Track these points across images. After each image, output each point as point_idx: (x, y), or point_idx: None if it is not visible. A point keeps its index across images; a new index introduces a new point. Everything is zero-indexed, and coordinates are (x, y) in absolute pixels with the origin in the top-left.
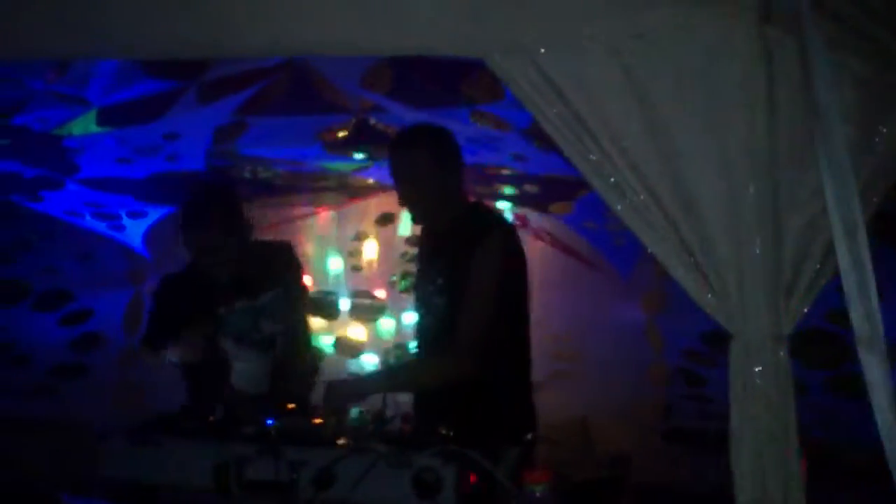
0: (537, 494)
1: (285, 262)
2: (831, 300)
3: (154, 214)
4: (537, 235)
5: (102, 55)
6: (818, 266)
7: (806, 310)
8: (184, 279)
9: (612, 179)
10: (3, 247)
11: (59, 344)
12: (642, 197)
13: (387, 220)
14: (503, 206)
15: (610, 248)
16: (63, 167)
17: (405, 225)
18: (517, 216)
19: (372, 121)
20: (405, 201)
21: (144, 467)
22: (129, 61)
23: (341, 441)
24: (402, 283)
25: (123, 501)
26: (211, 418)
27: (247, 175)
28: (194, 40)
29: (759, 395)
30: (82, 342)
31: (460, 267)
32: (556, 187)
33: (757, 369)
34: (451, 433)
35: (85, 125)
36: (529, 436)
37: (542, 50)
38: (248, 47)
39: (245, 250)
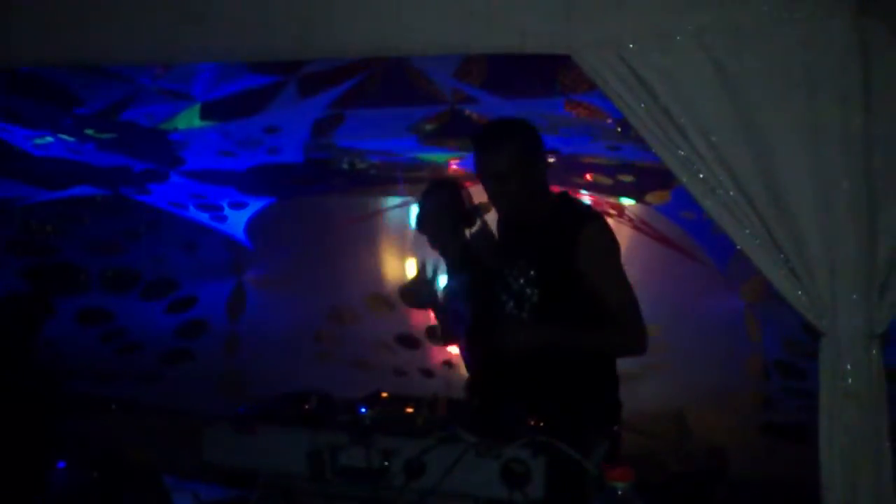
0: (619, 492)
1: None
2: None
3: (255, 205)
4: (633, 224)
5: (208, 58)
6: None
7: None
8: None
9: (701, 175)
10: (114, 237)
11: (165, 331)
12: (732, 193)
13: (482, 209)
14: (598, 195)
15: (707, 237)
16: (169, 160)
17: None
18: (613, 205)
19: (466, 111)
20: (493, 197)
21: (243, 453)
22: None
23: (432, 430)
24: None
25: (223, 485)
26: (306, 406)
27: (344, 167)
28: (295, 42)
29: (849, 394)
30: (188, 329)
31: (556, 258)
32: (651, 176)
33: (848, 368)
34: (542, 424)
35: (189, 119)
36: (617, 427)
37: (631, 45)
38: (346, 49)
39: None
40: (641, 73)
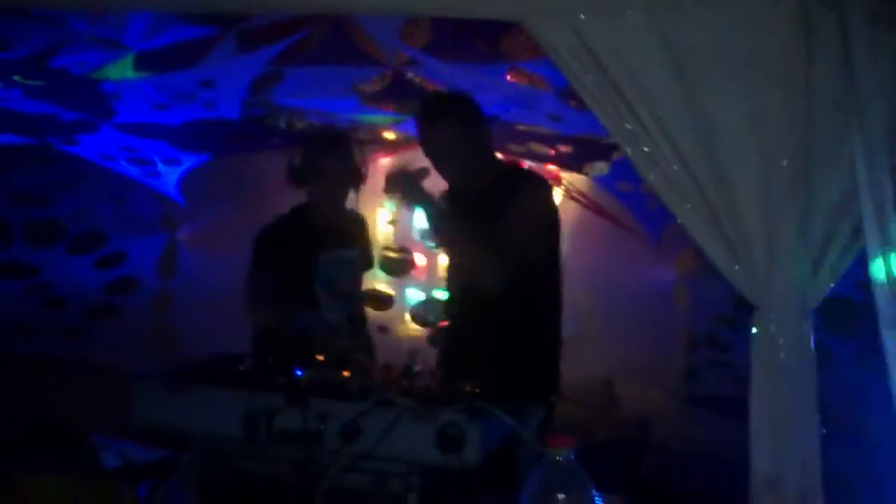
0: (559, 459)
1: (359, 228)
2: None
3: (188, 162)
4: (570, 195)
5: (144, 6)
6: (846, 243)
7: (833, 285)
8: (279, 227)
9: (646, 149)
10: (39, 188)
11: (93, 286)
12: (675, 167)
13: (422, 174)
14: (536, 165)
15: (643, 210)
16: (100, 111)
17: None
18: (552, 175)
19: (409, 74)
20: (440, 170)
21: (175, 413)
22: None
23: (368, 394)
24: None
25: (153, 445)
26: (241, 367)
27: (282, 125)
28: None
29: (781, 368)
30: (116, 285)
31: (499, 224)
32: (590, 148)
33: (780, 342)
34: (478, 390)
35: (122, 70)
36: (553, 396)
37: (582, 16)
38: (289, 4)
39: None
40: (591, 44)
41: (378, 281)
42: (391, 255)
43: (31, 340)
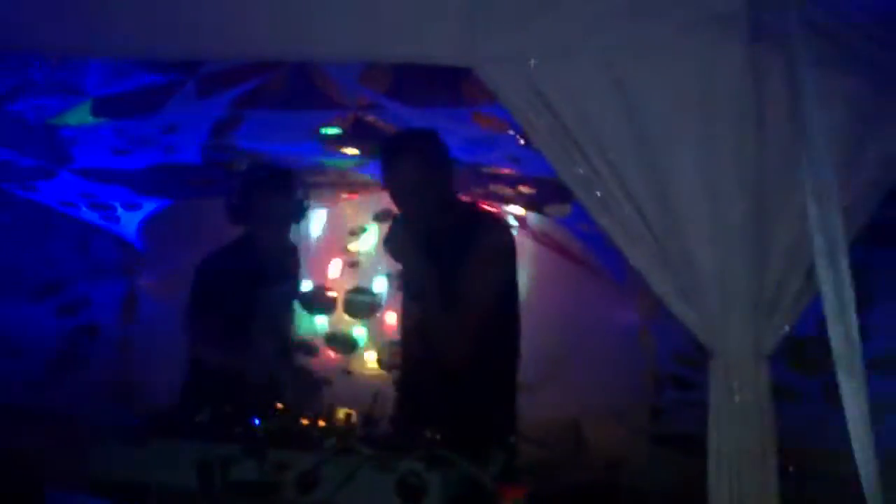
0: None
1: (294, 263)
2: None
3: (149, 207)
4: (534, 236)
5: (103, 54)
6: (801, 285)
7: (788, 328)
8: (222, 260)
9: (598, 193)
10: None
11: (53, 335)
12: (627, 211)
13: (385, 216)
14: (499, 206)
15: (606, 251)
16: (57, 157)
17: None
18: (515, 216)
19: (370, 118)
20: (401, 206)
21: (131, 465)
22: None
23: (327, 443)
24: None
25: (109, 499)
26: (197, 417)
27: (243, 169)
28: (196, 43)
29: (738, 413)
30: (78, 333)
31: (457, 265)
32: (551, 189)
33: (735, 385)
34: (437, 436)
35: (81, 116)
36: (513, 438)
37: (533, 61)
38: (247, 52)
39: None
40: (543, 89)
41: (346, 321)
42: (356, 297)
43: None
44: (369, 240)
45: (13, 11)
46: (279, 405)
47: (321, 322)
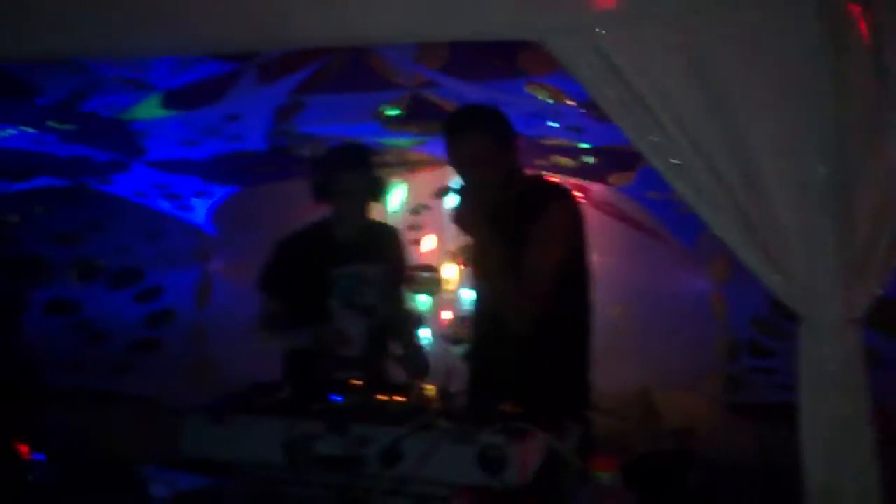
0: (604, 482)
1: (389, 243)
2: None
3: (218, 193)
4: (598, 206)
5: (166, 52)
6: (889, 247)
7: (879, 291)
8: (300, 239)
9: (675, 160)
10: (75, 228)
11: (133, 321)
12: (705, 177)
13: (444, 192)
14: (562, 177)
15: (673, 217)
16: (130, 150)
17: None
18: (578, 187)
19: (427, 95)
20: (467, 183)
21: (219, 444)
22: None
23: (408, 418)
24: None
25: (199, 475)
26: (280, 395)
27: (306, 153)
28: (257, 33)
29: (829, 379)
30: (155, 318)
31: (529, 237)
32: (615, 158)
33: (827, 352)
34: (515, 409)
35: (150, 109)
36: (587, 410)
37: (603, 31)
38: (307, 39)
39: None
40: (612, 58)
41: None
42: (420, 274)
43: (76, 375)
44: (431, 217)
45: (84, 20)
46: (357, 381)
47: None
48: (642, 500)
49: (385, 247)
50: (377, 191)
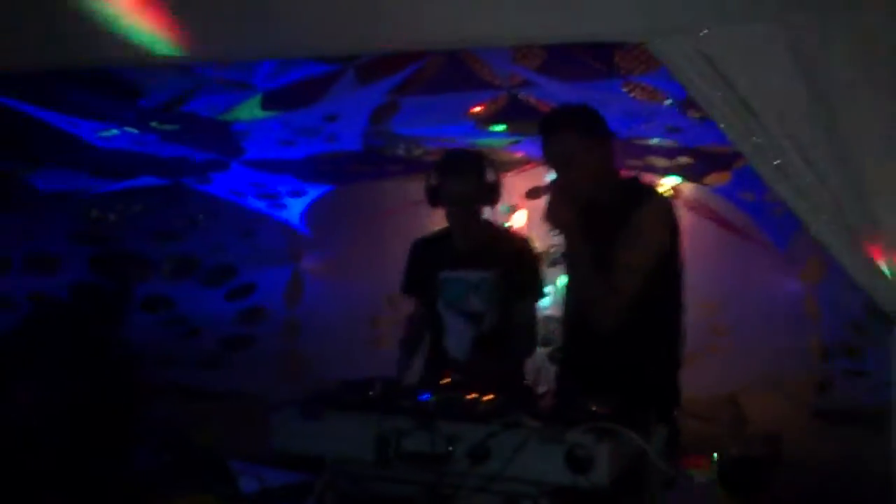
0: (696, 479)
1: (513, 251)
2: None
3: (313, 193)
4: (691, 207)
5: (270, 55)
6: None
7: None
8: (429, 242)
9: (777, 161)
10: (173, 225)
11: (225, 317)
12: (808, 179)
13: (536, 193)
14: (657, 177)
15: (767, 218)
16: (230, 150)
17: None
18: (673, 187)
19: (523, 95)
20: (563, 183)
21: (310, 439)
22: None
23: (496, 416)
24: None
25: (288, 469)
26: (371, 392)
27: (400, 153)
28: (353, 36)
29: None
30: (247, 315)
31: (622, 238)
32: (711, 158)
33: None
34: (603, 409)
35: (251, 110)
36: (676, 412)
37: (706, 31)
38: (414, 42)
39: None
40: (716, 60)
41: None
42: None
43: (170, 370)
44: (522, 216)
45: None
46: (447, 380)
47: None
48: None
49: (505, 256)
50: (489, 197)
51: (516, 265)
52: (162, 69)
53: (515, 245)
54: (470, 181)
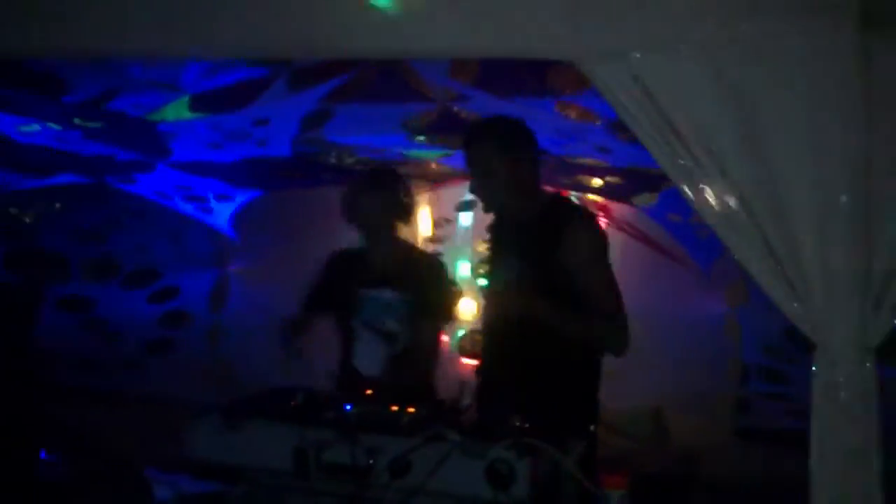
0: (615, 501)
1: (424, 273)
2: None
3: (240, 198)
4: (619, 226)
5: (204, 55)
6: None
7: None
8: (347, 256)
9: (701, 184)
10: (95, 226)
11: (147, 321)
12: (731, 202)
13: (467, 206)
14: (585, 196)
15: (692, 240)
16: (156, 151)
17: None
18: (599, 206)
19: (456, 109)
20: (477, 191)
21: (228, 448)
22: None
23: (417, 429)
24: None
25: (206, 479)
26: (293, 402)
27: (332, 161)
28: (288, 41)
29: (841, 407)
30: (170, 319)
31: (544, 256)
32: (639, 179)
33: (840, 381)
34: (525, 424)
35: (178, 111)
36: (593, 428)
37: (637, 54)
38: (344, 49)
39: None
40: (645, 82)
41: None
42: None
43: (87, 374)
44: (453, 230)
45: (111, 17)
46: (368, 391)
47: None
48: None
49: (419, 277)
50: (402, 216)
51: (427, 287)
52: (86, 65)
53: (427, 266)
54: (383, 200)
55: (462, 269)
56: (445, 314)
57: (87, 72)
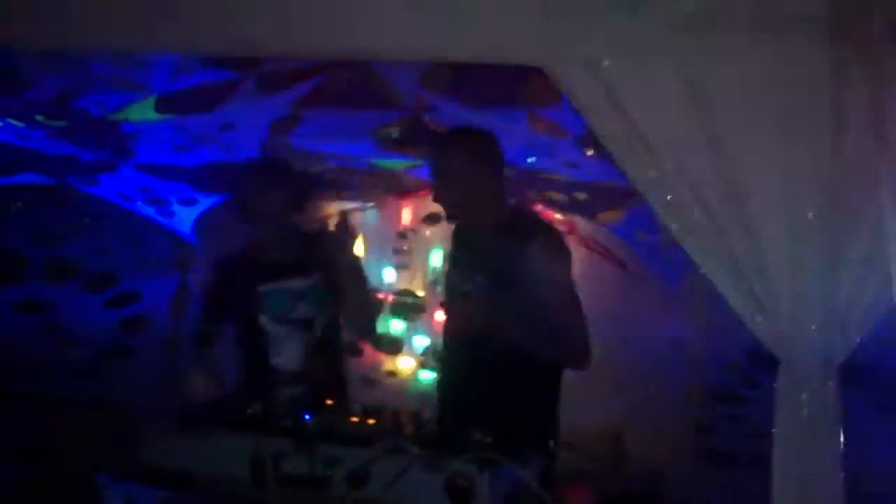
0: None
1: (330, 248)
2: None
3: (205, 203)
4: (584, 243)
5: (168, 49)
6: (875, 296)
7: (860, 339)
8: (234, 261)
9: (669, 197)
10: (54, 227)
11: (104, 325)
12: (697, 215)
13: (434, 219)
14: (552, 212)
15: (657, 259)
16: (119, 151)
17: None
18: (565, 222)
19: (427, 119)
20: (440, 199)
21: (182, 455)
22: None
23: (377, 441)
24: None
25: (160, 486)
26: (250, 410)
27: (298, 168)
28: (258, 39)
29: (804, 424)
30: (128, 325)
31: (505, 268)
32: (605, 196)
33: (804, 397)
34: (486, 438)
35: (143, 111)
36: (552, 443)
37: (606, 62)
38: (310, 49)
39: (290, 233)
40: (615, 91)
41: (392, 322)
42: (404, 299)
43: (40, 378)
44: (418, 242)
45: (74, 11)
46: (329, 401)
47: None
48: None
49: (319, 256)
50: (295, 205)
51: (335, 261)
52: (52, 61)
53: (324, 242)
54: (282, 195)
55: (425, 281)
56: (362, 276)
57: (50, 67)
